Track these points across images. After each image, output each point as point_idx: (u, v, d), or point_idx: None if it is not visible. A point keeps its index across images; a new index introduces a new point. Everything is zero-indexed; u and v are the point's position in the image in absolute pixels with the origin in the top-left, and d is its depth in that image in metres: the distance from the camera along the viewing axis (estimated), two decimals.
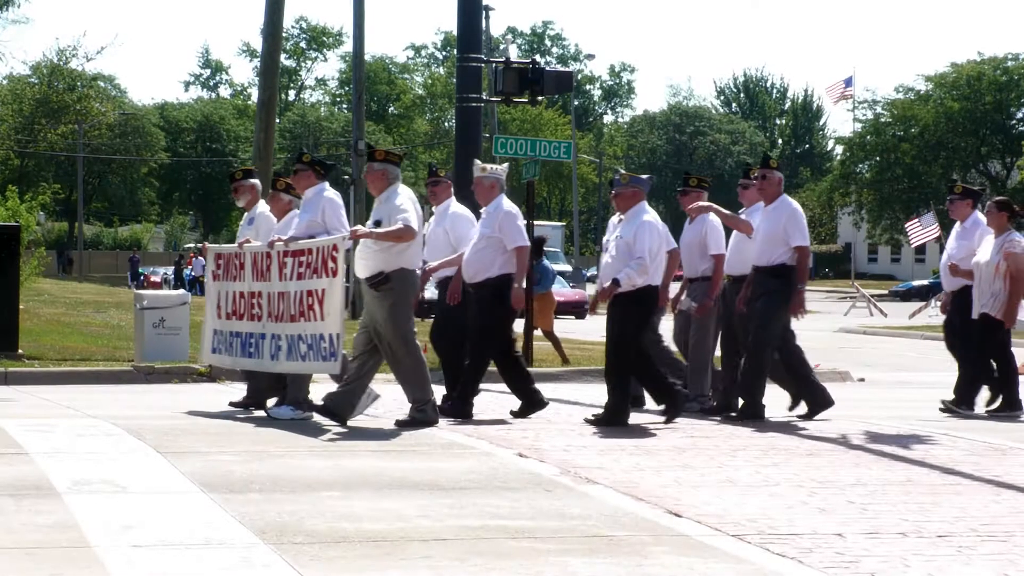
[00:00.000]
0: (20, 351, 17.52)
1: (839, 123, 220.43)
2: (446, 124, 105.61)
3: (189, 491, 8.19)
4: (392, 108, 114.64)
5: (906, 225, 15.15)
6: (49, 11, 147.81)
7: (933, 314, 15.60)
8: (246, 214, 13.49)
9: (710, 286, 13.14)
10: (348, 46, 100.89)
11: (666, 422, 12.12)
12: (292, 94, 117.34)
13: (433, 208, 13.51)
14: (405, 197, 11.62)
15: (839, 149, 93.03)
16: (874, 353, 27.65)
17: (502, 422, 12.21)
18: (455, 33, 20.63)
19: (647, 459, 9.93)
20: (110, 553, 6.38)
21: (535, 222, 19.56)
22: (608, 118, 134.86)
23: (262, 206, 13.31)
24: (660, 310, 13.15)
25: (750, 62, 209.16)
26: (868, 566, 6.47)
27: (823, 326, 30.80)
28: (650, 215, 12.21)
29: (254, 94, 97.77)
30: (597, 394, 13.89)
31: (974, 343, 13.65)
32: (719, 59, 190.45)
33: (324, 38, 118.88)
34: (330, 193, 12.28)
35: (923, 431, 12.16)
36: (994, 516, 7.84)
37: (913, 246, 17.11)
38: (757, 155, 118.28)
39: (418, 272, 12.08)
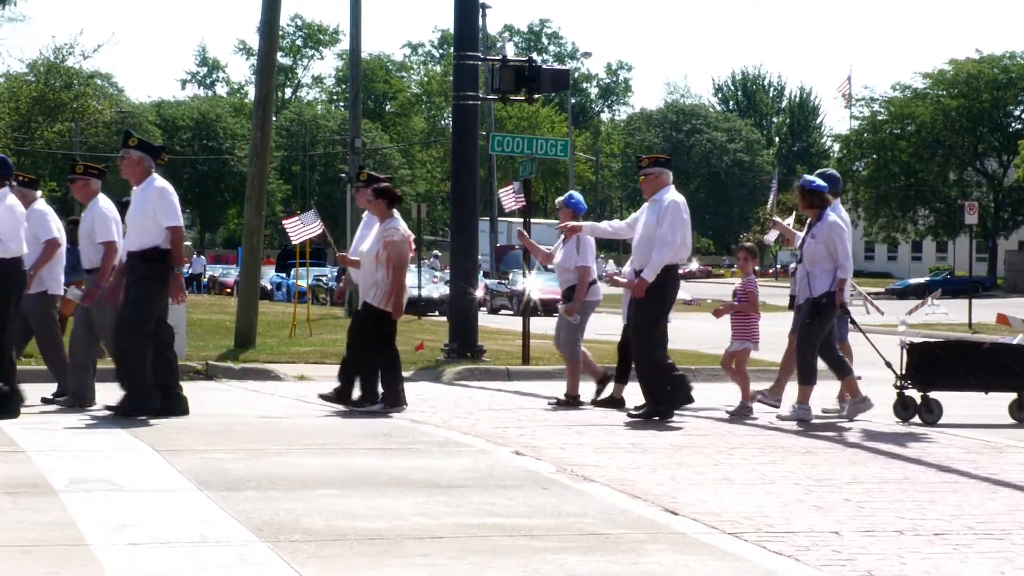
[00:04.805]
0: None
1: (836, 121, 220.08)
2: (443, 122, 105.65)
3: (186, 489, 8.19)
4: (389, 106, 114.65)
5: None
6: (46, 9, 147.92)
7: (930, 312, 15.56)
8: None
9: (97, 276, 12.63)
10: (345, 44, 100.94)
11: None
12: (289, 92, 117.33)
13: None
14: None
15: (836, 147, 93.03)
16: (870, 351, 27.58)
17: (499, 421, 12.21)
18: (452, 31, 20.64)
19: (643, 457, 9.93)
20: (107, 551, 6.37)
21: (532, 220, 19.56)
22: (605, 116, 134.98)
23: None
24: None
25: (747, 60, 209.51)
26: (865, 564, 6.47)
27: None
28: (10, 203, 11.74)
29: (251, 92, 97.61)
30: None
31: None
32: (716, 57, 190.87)
33: (321, 36, 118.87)
34: None
35: (919, 429, 12.18)
36: (991, 514, 7.85)
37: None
38: (754, 152, 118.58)
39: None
